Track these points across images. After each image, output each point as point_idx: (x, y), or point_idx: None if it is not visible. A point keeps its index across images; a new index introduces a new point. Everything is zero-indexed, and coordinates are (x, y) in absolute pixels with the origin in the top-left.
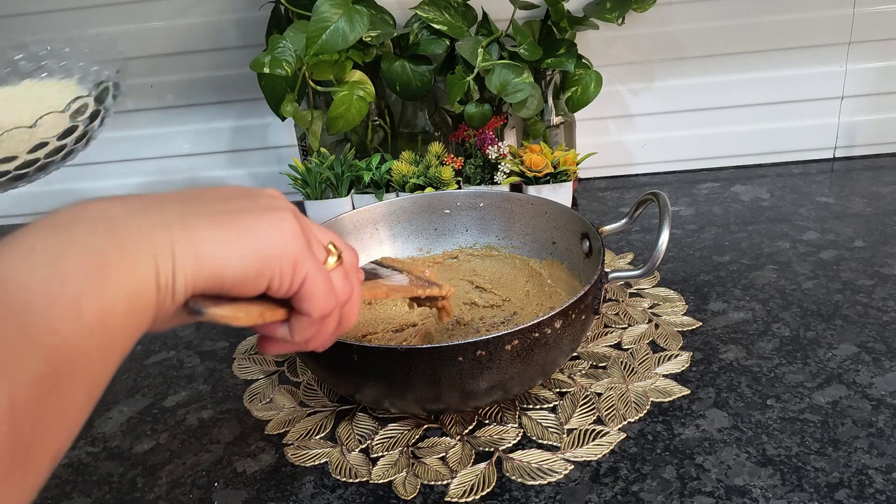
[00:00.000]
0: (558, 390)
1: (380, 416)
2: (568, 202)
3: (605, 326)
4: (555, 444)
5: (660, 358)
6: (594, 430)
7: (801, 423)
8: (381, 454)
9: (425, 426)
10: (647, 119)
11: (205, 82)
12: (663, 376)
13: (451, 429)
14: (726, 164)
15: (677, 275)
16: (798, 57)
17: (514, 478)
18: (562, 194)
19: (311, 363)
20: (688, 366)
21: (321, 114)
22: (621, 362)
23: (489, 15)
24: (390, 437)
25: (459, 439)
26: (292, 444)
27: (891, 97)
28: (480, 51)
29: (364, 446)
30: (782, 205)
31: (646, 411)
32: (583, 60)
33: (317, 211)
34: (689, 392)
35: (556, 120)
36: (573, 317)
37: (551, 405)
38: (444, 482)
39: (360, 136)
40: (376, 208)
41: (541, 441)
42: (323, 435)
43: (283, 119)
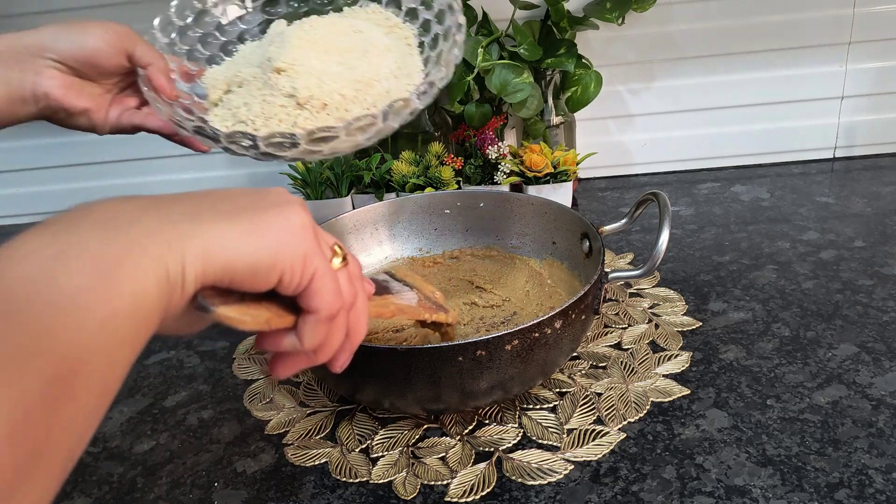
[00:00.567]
0: (558, 390)
1: (380, 416)
2: (568, 202)
3: (605, 326)
4: (555, 444)
5: (660, 358)
6: (594, 430)
7: (801, 423)
8: (381, 454)
9: (425, 426)
10: (647, 119)
11: None
12: (663, 376)
13: (451, 429)
14: (726, 164)
15: (677, 275)
16: (798, 57)
17: (514, 478)
18: (562, 194)
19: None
20: (688, 366)
21: None
22: (621, 362)
23: (489, 15)
24: (390, 437)
25: (459, 439)
26: (292, 444)
27: (891, 97)
28: (480, 51)
29: (364, 446)
30: (782, 205)
31: (646, 411)
32: (583, 60)
33: (317, 211)
34: (689, 392)
35: (556, 120)
36: (573, 317)
37: (551, 405)
38: (444, 482)
39: None
40: (376, 208)
41: (541, 441)
42: (323, 435)
43: None
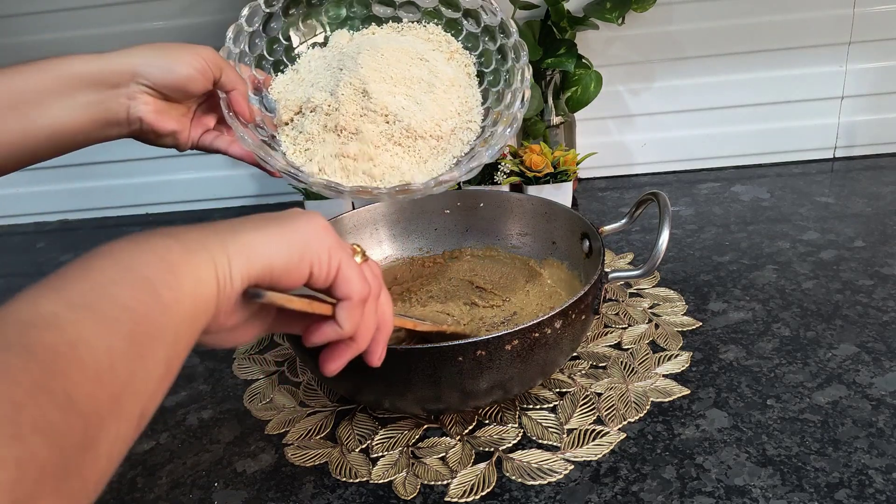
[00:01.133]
0: (558, 390)
1: (380, 416)
2: (568, 202)
3: (605, 326)
4: (555, 444)
5: (660, 358)
6: (594, 430)
7: (801, 423)
8: (381, 454)
9: (425, 426)
10: (647, 119)
11: None
12: (663, 376)
13: (451, 429)
14: (726, 164)
15: (677, 275)
16: (798, 57)
17: (514, 478)
18: (562, 194)
19: (312, 363)
20: (688, 366)
21: None
22: (621, 362)
23: None
24: (390, 437)
25: (459, 439)
26: (292, 444)
27: (891, 97)
28: None
29: (364, 446)
30: (782, 205)
31: (646, 411)
32: (583, 60)
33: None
34: (689, 392)
35: (556, 120)
36: (573, 317)
37: (551, 405)
38: (444, 482)
39: None
40: (376, 208)
41: (541, 441)
42: (323, 435)
43: None
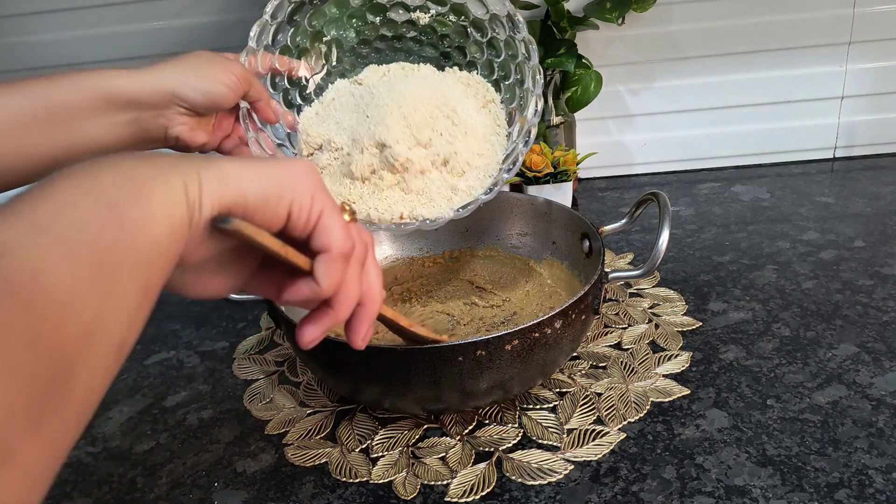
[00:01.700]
0: (558, 390)
1: (380, 416)
2: (568, 202)
3: (605, 326)
4: (555, 444)
5: (660, 358)
6: (594, 430)
7: (801, 423)
8: (381, 454)
9: (425, 426)
10: (647, 119)
11: None
12: (663, 376)
13: (451, 429)
14: (726, 164)
15: (677, 275)
16: (798, 57)
17: (514, 478)
18: (562, 194)
19: (312, 363)
20: (688, 366)
21: None
22: (621, 362)
23: None
24: (390, 437)
25: (459, 439)
26: (292, 444)
27: (891, 97)
28: None
29: (364, 446)
30: (782, 205)
31: (646, 411)
32: (583, 60)
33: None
34: (689, 392)
35: (556, 120)
36: (573, 317)
37: (551, 405)
38: (444, 482)
39: None
40: None
41: (541, 441)
42: (323, 435)
43: None
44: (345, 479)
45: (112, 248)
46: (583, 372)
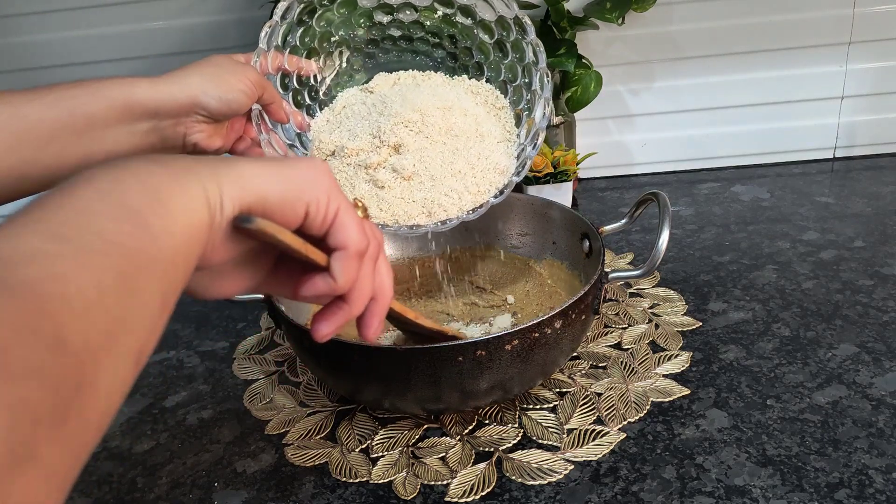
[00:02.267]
0: (558, 390)
1: (380, 416)
2: (568, 202)
3: (605, 326)
4: (555, 444)
5: (660, 358)
6: (594, 430)
7: (801, 423)
8: (381, 454)
9: (425, 426)
10: (647, 119)
11: None
12: (663, 376)
13: (451, 429)
14: (726, 164)
15: (677, 275)
16: (798, 57)
17: (514, 478)
18: (562, 194)
19: (312, 363)
20: (688, 366)
21: None
22: (621, 362)
23: None
24: (390, 437)
25: (459, 439)
26: (292, 444)
27: (891, 97)
28: None
29: (364, 446)
30: (782, 205)
31: (646, 411)
32: (583, 60)
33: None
34: (689, 392)
35: (556, 120)
36: (573, 317)
37: (551, 405)
38: (444, 482)
39: None
40: None
41: (541, 441)
42: (323, 435)
43: None
44: (345, 479)
45: (133, 256)
46: (583, 372)
